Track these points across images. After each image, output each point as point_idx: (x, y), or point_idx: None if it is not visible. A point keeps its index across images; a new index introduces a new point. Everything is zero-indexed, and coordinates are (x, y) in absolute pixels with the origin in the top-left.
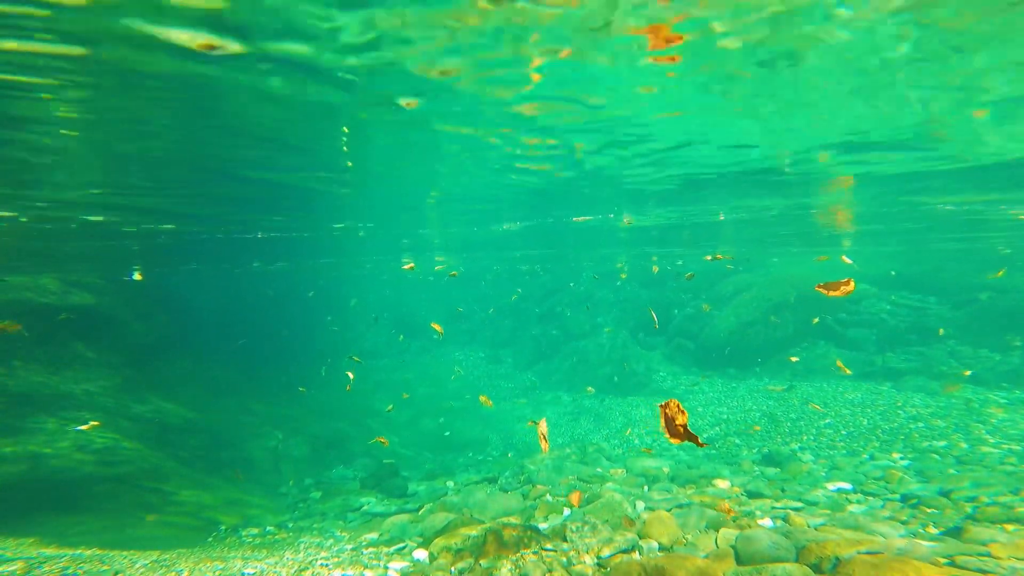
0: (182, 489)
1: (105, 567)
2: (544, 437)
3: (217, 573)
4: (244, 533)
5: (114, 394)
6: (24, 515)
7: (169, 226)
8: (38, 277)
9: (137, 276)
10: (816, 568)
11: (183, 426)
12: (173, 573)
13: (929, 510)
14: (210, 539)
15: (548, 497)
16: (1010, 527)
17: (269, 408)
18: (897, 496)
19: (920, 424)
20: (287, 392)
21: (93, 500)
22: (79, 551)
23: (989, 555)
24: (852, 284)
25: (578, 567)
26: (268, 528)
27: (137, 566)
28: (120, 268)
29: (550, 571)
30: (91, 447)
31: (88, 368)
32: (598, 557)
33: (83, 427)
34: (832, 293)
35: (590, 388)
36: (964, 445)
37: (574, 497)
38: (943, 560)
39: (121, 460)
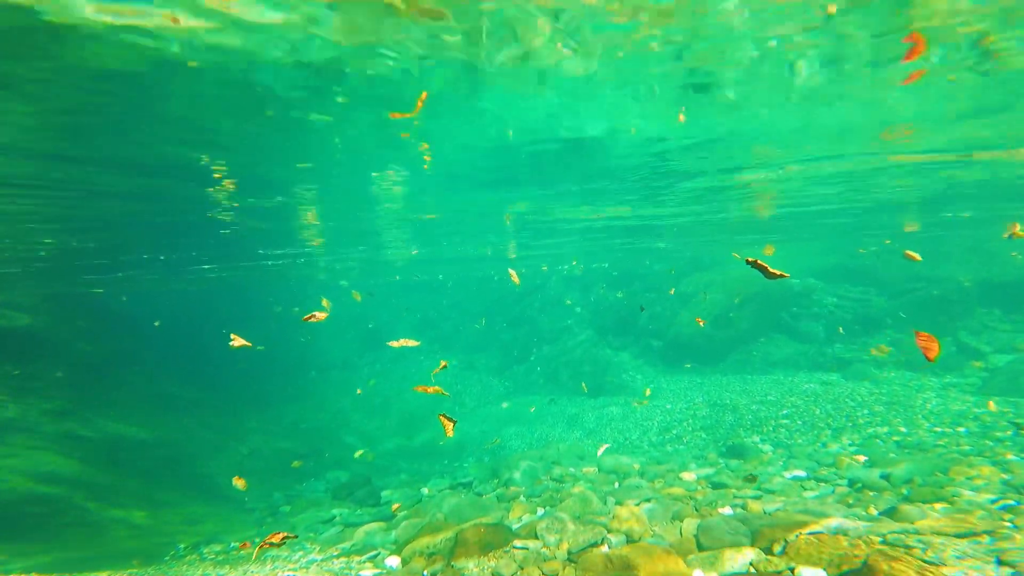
0: (135, 508)
1: None
2: None
3: None
4: (206, 550)
5: (54, 417)
6: None
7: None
8: None
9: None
10: (768, 550)
11: (135, 445)
12: None
13: (871, 493)
14: (167, 558)
15: (522, 498)
16: (938, 505)
17: (234, 423)
18: (845, 481)
19: (866, 411)
20: (253, 406)
21: (31, 524)
22: None
23: (916, 532)
24: None
25: (549, 563)
26: (232, 544)
27: None
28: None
29: (522, 568)
30: (26, 471)
31: (22, 392)
32: (568, 552)
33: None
34: None
35: (566, 390)
36: (903, 430)
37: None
38: (877, 538)
39: (62, 482)
